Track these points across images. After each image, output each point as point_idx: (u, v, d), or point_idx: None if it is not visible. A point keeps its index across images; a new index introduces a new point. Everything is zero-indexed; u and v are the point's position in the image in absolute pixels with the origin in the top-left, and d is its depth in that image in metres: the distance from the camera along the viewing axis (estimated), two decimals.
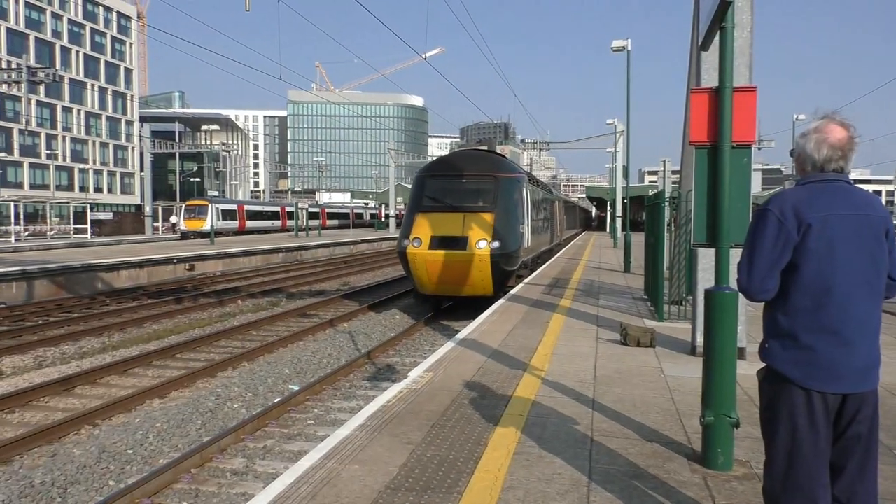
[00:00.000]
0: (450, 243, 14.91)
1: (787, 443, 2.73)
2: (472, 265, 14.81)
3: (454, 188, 15.98)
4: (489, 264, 14.79)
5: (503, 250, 14.94)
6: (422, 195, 16.14)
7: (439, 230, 15.16)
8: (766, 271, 2.72)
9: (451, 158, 17.37)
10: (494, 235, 14.91)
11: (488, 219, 15.18)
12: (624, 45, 27.02)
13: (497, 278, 15.12)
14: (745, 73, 7.84)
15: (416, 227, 15.41)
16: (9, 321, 16.01)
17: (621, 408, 6.06)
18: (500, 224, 15.17)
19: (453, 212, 15.43)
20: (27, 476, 6.62)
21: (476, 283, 15.12)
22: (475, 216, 15.28)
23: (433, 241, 15.05)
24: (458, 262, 14.83)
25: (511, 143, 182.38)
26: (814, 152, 2.76)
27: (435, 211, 15.65)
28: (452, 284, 15.26)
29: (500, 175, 16.13)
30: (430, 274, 15.16)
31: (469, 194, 15.82)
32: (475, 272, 14.91)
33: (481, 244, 14.76)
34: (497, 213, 15.35)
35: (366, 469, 4.59)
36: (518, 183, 16.51)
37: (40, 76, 24.10)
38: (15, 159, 72.83)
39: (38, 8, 76.43)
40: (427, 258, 14.95)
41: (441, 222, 15.29)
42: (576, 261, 25.36)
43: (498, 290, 15.44)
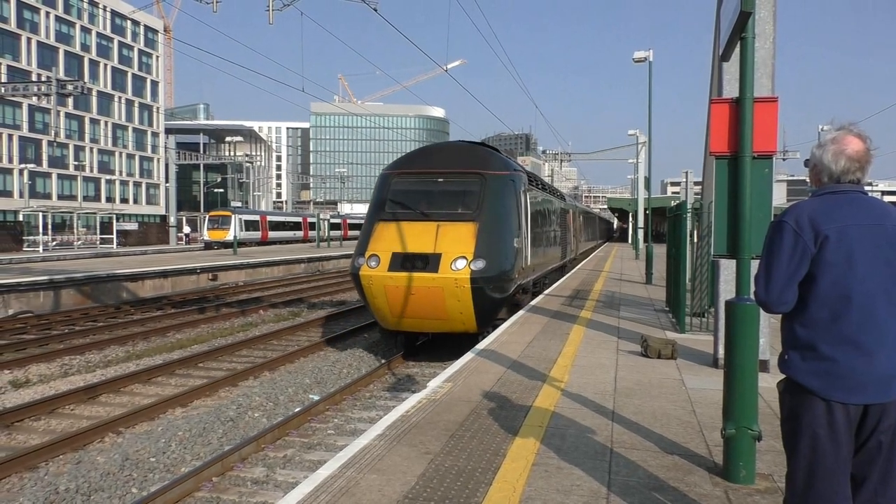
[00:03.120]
0: (417, 263, 11.47)
1: (809, 455, 2.70)
2: (447, 292, 11.32)
3: (427, 189, 12.57)
4: (470, 291, 11.25)
5: (490, 272, 11.38)
6: (384, 198, 12.62)
7: (404, 245, 11.75)
8: (783, 283, 2.71)
9: (427, 152, 13.67)
10: (478, 252, 11.42)
11: (470, 230, 11.69)
12: (646, 56, 26.97)
13: (481, 309, 11.53)
14: (766, 83, 7.80)
15: (375, 241, 11.99)
16: (36, 330, 16.28)
17: (641, 419, 6.02)
18: (486, 237, 11.67)
19: (424, 220, 11.99)
20: (52, 483, 6.71)
21: (452, 317, 11.61)
22: (453, 226, 11.82)
23: (395, 260, 11.58)
24: (427, 289, 11.36)
25: (532, 154, 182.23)
26: (831, 164, 2.75)
27: (400, 219, 12.17)
28: (421, 318, 11.76)
29: (489, 173, 12.54)
30: (392, 304, 11.67)
31: (446, 198, 12.37)
32: (451, 301, 11.39)
33: (459, 264, 11.29)
34: (483, 221, 11.84)
35: (384, 478, 4.60)
36: (512, 183, 12.91)
37: (69, 89, 24.55)
38: (44, 170, 74.15)
39: (67, 22, 77.96)
40: (386, 283, 11.49)
41: (407, 235, 11.87)
42: (597, 272, 25.24)
43: (484, 324, 11.88)
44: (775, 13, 7.89)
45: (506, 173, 12.92)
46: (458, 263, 11.31)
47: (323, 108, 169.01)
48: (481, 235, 11.65)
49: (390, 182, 12.81)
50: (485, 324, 11.91)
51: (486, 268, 11.35)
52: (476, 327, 11.80)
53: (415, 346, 13.38)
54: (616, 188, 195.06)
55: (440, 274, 11.27)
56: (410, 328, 12.23)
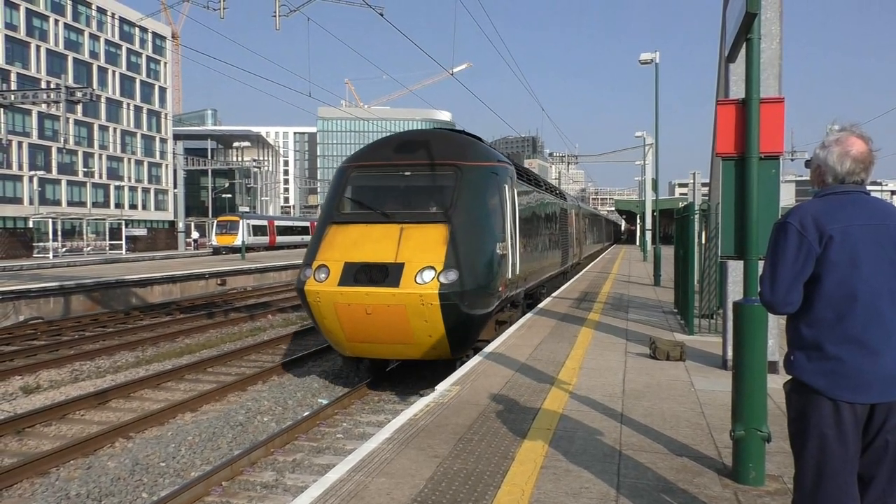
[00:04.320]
0: (375, 275, 9.47)
1: (816, 455, 2.70)
2: (411, 311, 9.31)
3: (390, 185, 10.69)
4: (439, 309, 9.27)
5: (464, 284, 9.40)
6: (339, 197, 10.71)
7: (359, 253, 9.74)
8: (789, 284, 2.71)
9: (392, 141, 11.46)
10: (450, 260, 9.46)
11: (441, 233, 9.70)
12: (652, 57, 26.94)
13: (455, 331, 9.58)
14: (773, 84, 7.77)
15: (325, 249, 10.06)
16: (46, 336, 16.37)
17: (650, 422, 6.00)
18: (460, 241, 9.69)
19: (385, 223, 10.01)
20: (63, 488, 6.75)
21: (420, 341, 9.63)
22: (420, 230, 9.83)
23: (348, 272, 9.59)
24: (386, 307, 9.34)
25: (539, 156, 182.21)
26: (836, 165, 2.76)
27: (356, 222, 10.22)
28: (381, 342, 9.81)
29: (465, 164, 10.52)
30: (345, 325, 9.67)
31: (413, 194, 10.46)
32: (417, 322, 9.41)
33: (426, 276, 9.33)
34: (457, 223, 9.81)
35: (393, 482, 4.61)
36: (495, 177, 10.91)
37: (78, 96, 24.70)
38: (53, 177, 74.59)
39: (76, 29, 78.47)
40: (337, 300, 9.50)
41: (364, 240, 9.87)
42: (605, 274, 25.19)
43: (460, 348, 9.95)
44: (781, 14, 7.86)
45: (487, 164, 10.97)
46: (424, 275, 9.34)
47: (330, 112, 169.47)
48: (455, 240, 9.65)
49: (347, 177, 10.92)
50: (461, 348, 10.02)
51: (459, 280, 9.38)
52: (450, 353, 9.88)
53: (384, 371, 11.42)
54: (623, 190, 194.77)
55: (401, 289, 9.29)
56: (370, 354, 10.31)
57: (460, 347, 9.95)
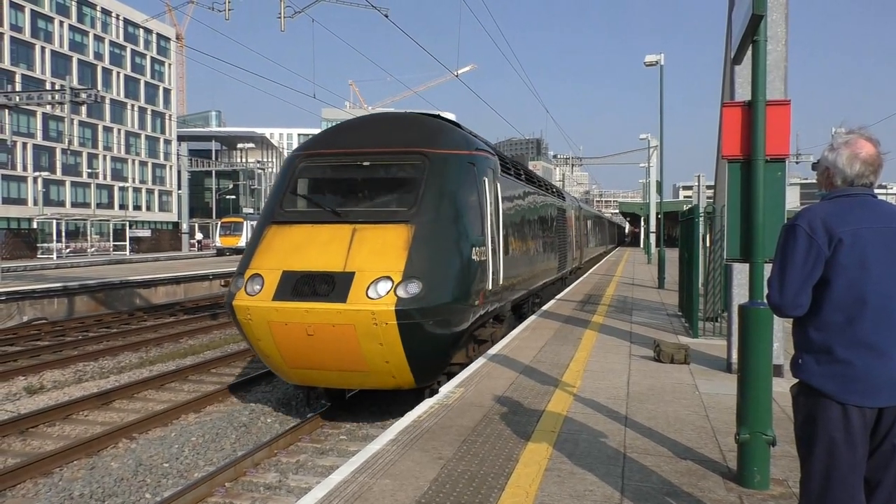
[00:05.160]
0: (319, 287, 7.80)
1: (824, 459, 2.68)
2: (362, 332, 7.64)
3: (344, 178, 9.03)
4: (396, 329, 7.60)
5: (429, 298, 7.73)
6: (283, 192, 9.02)
7: (301, 260, 8.10)
8: (798, 287, 2.69)
9: (351, 126, 9.78)
10: (411, 269, 7.78)
11: (401, 235, 8.05)
12: (657, 59, 26.93)
13: (419, 356, 7.91)
14: (779, 86, 7.77)
15: (261, 255, 8.42)
16: (50, 336, 16.40)
17: (654, 425, 5.99)
18: (426, 245, 8.06)
19: (335, 223, 8.36)
20: (66, 488, 6.75)
21: (375, 367, 7.93)
22: (376, 231, 8.16)
23: (286, 283, 7.94)
24: (331, 328, 7.68)
25: (544, 158, 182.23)
26: (846, 167, 2.74)
27: (301, 221, 8.56)
28: (327, 369, 8.14)
29: (435, 152, 8.81)
30: (283, 348, 8.05)
31: (372, 189, 8.81)
32: (369, 346, 7.72)
33: (381, 288, 7.65)
34: (422, 223, 8.16)
35: (397, 483, 4.60)
36: (472, 168, 9.15)
37: (83, 97, 24.75)
38: (58, 178, 74.77)
39: (81, 31, 78.71)
40: (271, 317, 7.89)
41: (308, 244, 8.23)
42: (609, 277, 25.17)
43: (426, 376, 8.33)
44: (787, 16, 7.85)
45: (462, 153, 9.14)
46: (379, 287, 7.64)
47: (334, 114, 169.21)
48: (419, 244, 7.98)
49: (294, 168, 9.19)
50: (427, 375, 8.37)
51: (423, 293, 7.67)
52: (413, 381, 8.18)
53: (344, 398, 9.58)
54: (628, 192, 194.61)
55: (349, 304, 7.56)
56: (317, 383, 8.66)
57: (426, 375, 8.34)
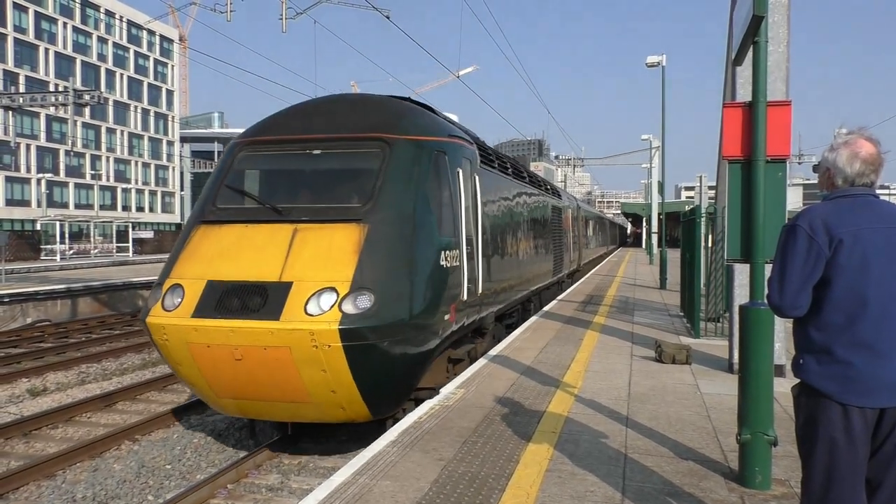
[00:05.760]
0: (250, 301, 6.50)
1: (825, 460, 2.68)
2: (299, 356, 6.33)
3: (290, 169, 7.81)
4: (342, 353, 6.27)
5: (386, 314, 6.43)
6: (218, 186, 7.71)
7: (229, 268, 6.80)
8: (798, 287, 2.69)
9: (303, 109, 8.39)
10: (363, 278, 6.48)
11: (351, 237, 6.75)
12: (659, 60, 26.92)
13: (373, 383, 6.61)
14: (781, 87, 7.77)
15: (185, 262, 7.10)
16: (53, 338, 16.43)
17: (656, 425, 5.98)
18: (382, 248, 6.79)
19: (274, 221, 7.09)
20: (69, 490, 6.77)
21: (319, 398, 6.61)
22: (321, 232, 6.87)
23: (209, 296, 6.63)
24: (262, 351, 6.38)
25: (545, 159, 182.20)
26: (846, 166, 2.74)
27: (234, 220, 7.27)
28: (263, 400, 6.82)
29: (397, 138, 7.52)
30: (207, 375, 6.76)
31: (320, 182, 7.52)
32: (311, 373, 6.40)
33: (323, 302, 6.34)
34: (378, 222, 6.89)
35: (397, 485, 4.61)
36: (442, 157, 7.92)
37: (86, 98, 24.84)
38: (61, 180, 74.91)
39: (84, 32, 78.85)
40: (191, 338, 6.57)
41: (240, 248, 6.95)
42: (611, 277, 25.16)
43: (385, 404, 7.05)
44: (789, 17, 7.85)
45: (430, 139, 7.84)
46: (321, 301, 6.31)
47: None
48: (372, 247, 6.67)
49: (233, 157, 7.90)
50: (386, 405, 7.04)
51: (376, 307, 6.32)
52: (369, 414, 6.84)
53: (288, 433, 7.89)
54: (630, 193, 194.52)
55: (283, 322, 6.23)
56: (254, 415, 7.31)
57: (384, 405, 7.03)
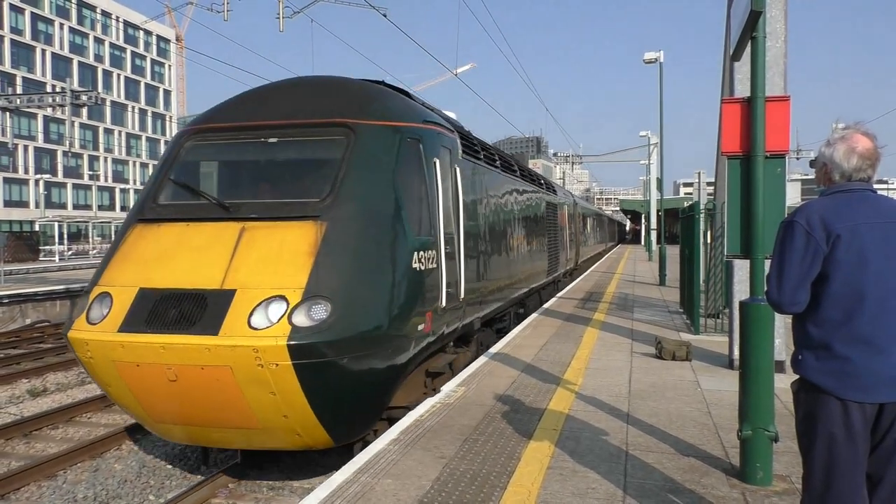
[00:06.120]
0: (185, 311, 5.63)
1: (825, 455, 2.68)
2: (242, 377, 5.46)
3: (242, 160, 6.99)
4: (293, 372, 5.40)
5: (345, 326, 5.59)
6: (159, 180, 6.83)
7: (165, 273, 5.93)
8: (796, 283, 2.69)
9: (259, 94, 7.55)
10: (318, 283, 5.62)
11: (308, 236, 5.90)
12: (656, 56, 26.92)
13: (333, 405, 5.79)
14: (779, 82, 7.76)
15: (116, 266, 6.20)
16: (53, 339, 16.42)
17: (657, 422, 5.99)
18: (342, 249, 5.94)
19: (219, 219, 6.21)
20: (70, 491, 6.77)
21: (269, 423, 5.75)
22: (272, 231, 6.01)
23: (140, 307, 5.75)
24: (198, 371, 5.51)
25: (543, 156, 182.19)
26: (843, 161, 2.74)
27: (175, 218, 6.40)
28: (206, 425, 5.96)
29: (364, 123, 6.68)
30: (140, 397, 5.91)
31: (274, 174, 6.70)
32: (257, 395, 5.55)
33: (271, 312, 5.49)
34: (338, 219, 6.05)
35: (399, 483, 4.61)
36: (416, 146, 7.09)
37: (83, 99, 24.82)
38: (59, 180, 74.85)
39: (81, 33, 78.74)
40: (117, 356, 5.69)
41: (178, 250, 6.08)
42: (610, 274, 25.17)
43: (348, 429, 6.21)
44: (786, 12, 7.85)
45: (403, 125, 6.99)
46: (270, 311, 5.43)
47: None
48: (331, 248, 5.79)
49: (180, 147, 7.01)
50: (350, 430, 6.21)
51: (333, 318, 5.45)
52: (330, 440, 5.95)
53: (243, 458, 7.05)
54: (629, 190, 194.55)
55: (223, 337, 5.33)
56: (198, 441, 6.35)
57: (347, 428, 6.15)
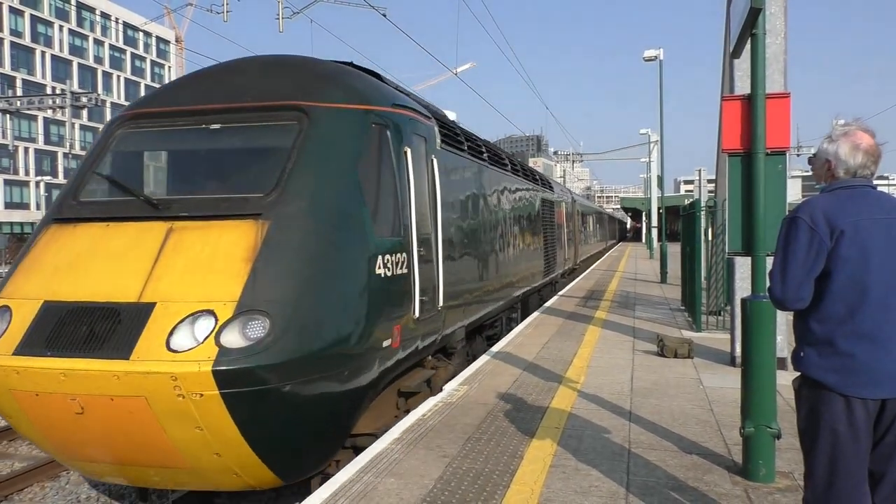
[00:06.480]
0: (96, 330, 4.48)
1: (828, 452, 2.68)
2: (161, 410, 4.34)
3: (178, 150, 6.04)
4: (222, 404, 4.28)
5: (286, 349, 4.49)
6: (83, 174, 5.82)
7: (74, 283, 4.81)
8: (800, 280, 2.69)
9: (204, 75, 6.48)
10: (254, 296, 4.53)
11: (245, 239, 4.83)
12: (656, 54, 26.91)
13: (277, 440, 4.72)
14: (779, 79, 7.76)
15: (22, 274, 5.12)
16: None
17: (659, 419, 5.99)
18: (286, 254, 4.83)
19: (143, 219, 5.15)
20: (73, 492, 6.78)
21: (203, 464, 4.63)
22: (203, 233, 4.94)
23: (42, 325, 4.61)
24: (108, 403, 4.36)
25: (544, 155, 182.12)
26: (849, 158, 2.74)
27: (94, 217, 5.31)
28: (124, 464, 4.80)
29: (319, 106, 5.66)
30: (43, 431, 4.76)
31: (215, 166, 5.74)
32: (180, 431, 4.42)
33: (198, 330, 4.40)
34: (282, 217, 5.00)
35: (402, 482, 4.61)
36: (380, 131, 6.10)
37: (83, 101, 24.86)
38: (60, 182, 74.78)
39: (80, 35, 78.74)
40: (13, 384, 4.52)
41: (93, 256, 4.97)
42: (611, 272, 25.16)
43: (300, 466, 5.19)
44: (786, 8, 7.84)
45: (367, 109, 5.98)
46: (196, 329, 4.47)
47: None
48: (273, 252, 4.81)
49: (110, 136, 5.96)
50: (302, 466, 5.23)
51: (272, 337, 4.49)
52: (275, 478, 4.96)
53: None
54: (629, 188, 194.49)
55: (135, 362, 4.36)
56: (124, 481, 5.20)
57: (297, 465, 5.15)
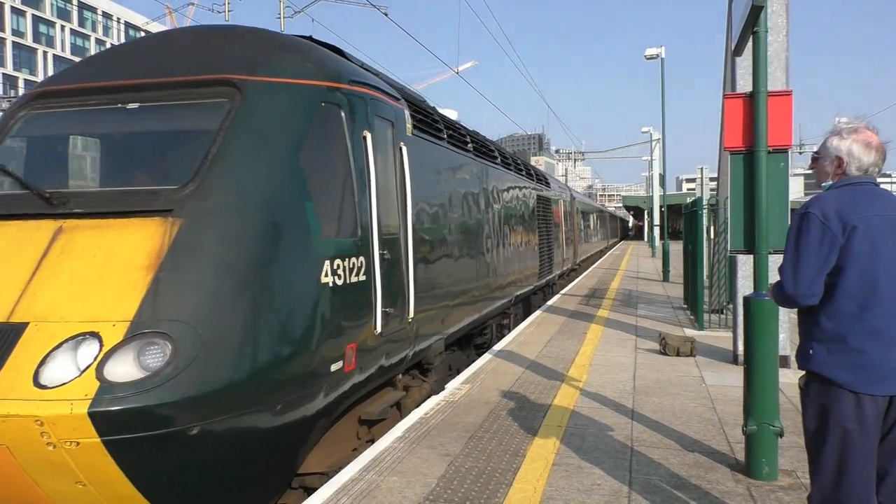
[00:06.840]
0: None
1: (837, 450, 2.66)
2: (26, 463, 3.41)
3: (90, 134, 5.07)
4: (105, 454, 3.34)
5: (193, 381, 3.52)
6: None
7: None
8: (812, 275, 2.68)
9: (126, 49, 5.51)
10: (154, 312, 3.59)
11: (148, 241, 3.86)
12: (658, 52, 26.90)
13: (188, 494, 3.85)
14: (780, 77, 7.75)
15: None
16: None
17: (661, 418, 5.99)
18: (199, 260, 3.89)
19: (31, 217, 4.14)
20: None
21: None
22: (98, 234, 3.93)
23: None
24: None
25: (546, 153, 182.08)
26: (863, 155, 2.75)
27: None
28: None
29: (255, 81, 4.70)
30: None
31: (128, 153, 4.90)
32: (55, 485, 3.50)
33: (80, 358, 3.43)
34: (197, 214, 4.04)
35: (405, 481, 4.62)
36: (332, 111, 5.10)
37: None
38: None
39: (82, 35, 78.87)
40: None
41: None
42: (613, 270, 25.15)
43: None
44: (788, 6, 7.83)
45: (314, 84, 5.08)
46: (79, 357, 3.50)
47: None
48: (181, 257, 3.90)
49: (12, 118, 5.12)
50: None
51: (174, 367, 3.54)
52: None
53: None
54: (631, 186, 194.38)
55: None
56: None
57: None
